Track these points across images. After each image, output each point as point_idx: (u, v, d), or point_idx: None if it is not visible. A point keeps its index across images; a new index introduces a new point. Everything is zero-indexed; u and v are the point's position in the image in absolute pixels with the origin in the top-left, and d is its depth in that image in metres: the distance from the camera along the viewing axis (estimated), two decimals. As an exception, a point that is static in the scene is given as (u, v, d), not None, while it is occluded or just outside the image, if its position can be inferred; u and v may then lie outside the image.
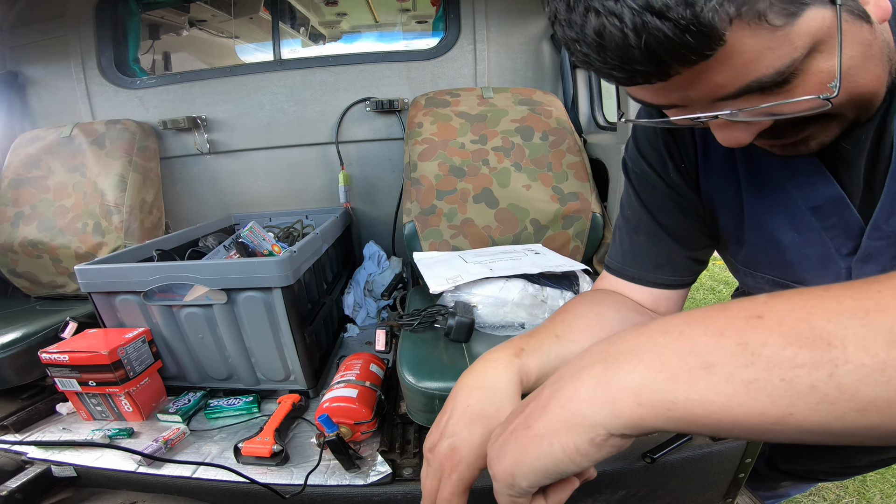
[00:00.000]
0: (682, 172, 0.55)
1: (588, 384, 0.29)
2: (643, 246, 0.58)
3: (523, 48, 1.55)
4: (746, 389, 0.23)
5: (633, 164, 0.59)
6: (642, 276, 0.58)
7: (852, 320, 0.21)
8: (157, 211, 1.46)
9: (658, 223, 0.57)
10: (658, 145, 0.55)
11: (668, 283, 0.58)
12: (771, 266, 0.55)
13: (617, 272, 0.60)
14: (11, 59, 1.53)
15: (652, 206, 0.57)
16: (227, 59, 2.30)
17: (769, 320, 0.24)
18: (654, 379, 0.26)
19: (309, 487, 0.68)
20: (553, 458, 0.29)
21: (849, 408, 0.21)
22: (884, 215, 0.42)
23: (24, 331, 0.98)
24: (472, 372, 0.45)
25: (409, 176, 1.20)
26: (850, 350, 0.21)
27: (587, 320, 0.51)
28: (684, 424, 0.25)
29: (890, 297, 0.21)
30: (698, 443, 0.67)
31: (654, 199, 0.57)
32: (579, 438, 0.28)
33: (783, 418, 0.22)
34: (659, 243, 0.57)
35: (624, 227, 0.61)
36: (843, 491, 1.32)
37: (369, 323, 1.34)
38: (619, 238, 0.61)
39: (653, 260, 0.57)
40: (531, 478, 0.31)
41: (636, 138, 0.59)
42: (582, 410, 0.28)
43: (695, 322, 0.27)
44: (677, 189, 0.55)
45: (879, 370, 0.20)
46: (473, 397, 0.42)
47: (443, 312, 0.81)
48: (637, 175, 0.58)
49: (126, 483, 0.73)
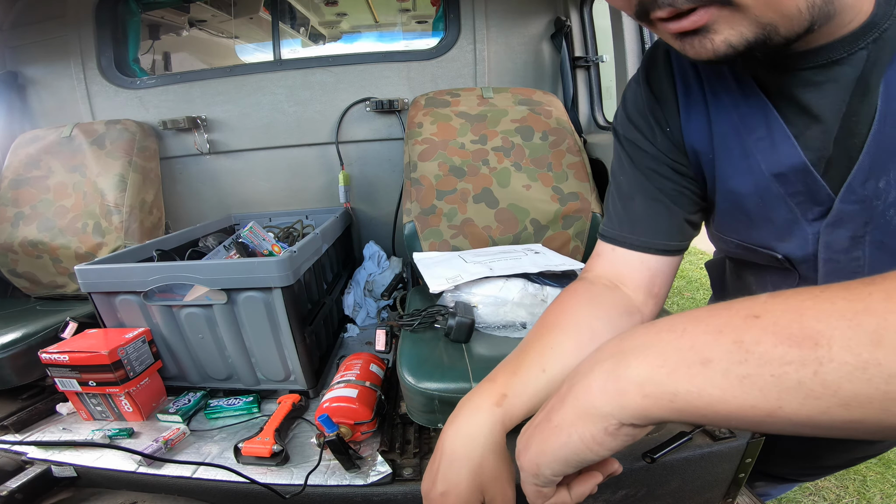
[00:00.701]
0: (668, 137, 0.55)
1: (600, 378, 0.31)
2: (639, 211, 0.57)
3: (523, 48, 1.55)
4: (740, 384, 0.25)
5: (624, 131, 0.59)
6: (641, 242, 0.57)
7: (841, 321, 0.22)
8: (157, 211, 1.46)
9: (654, 186, 0.56)
10: (646, 114, 0.56)
11: (667, 249, 0.57)
12: (738, 230, 0.56)
13: (613, 240, 0.59)
14: (11, 59, 1.53)
15: (646, 170, 0.57)
16: (227, 59, 2.31)
17: (765, 320, 0.25)
18: (657, 373, 0.28)
19: (309, 487, 0.68)
20: (572, 447, 0.32)
21: (833, 403, 0.22)
22: (860, 178, 0.42)
23: (24, 331, 0.98)
24: (456, 420, 0.46)
25: (409, 176, 1.20)
26: (836, 349, 0.22)
27: (578, 342, 0.50)
28: (686, 415, 0.28)
29: (879, 301, 0.22)
30: (698, 443, 0.67)
31: (647, 163, 0.57)
32: (594, 428, 0.31)
33: (774, 411, 0.24)
34: (656, 206, 0.57)
35: (617, 195, 0.60)
36: (843, 491, 1.32)
37: (369, 323, 1.34)
38: (613, 206, 0.60)
39: (651, 225, 0.57)
40: (554, 466, 0.34)
41: (625, 105, 0.59)
42: (594, 402, 0.31)
43: (697, 321, 0.28)
44: (667, 153, 0.55)
45: (862, 368, 0.21)
46: (459, 446, 0.44)
47: (443, 313, 0.81)
48: (628, 141, 0.58)
49: (126, 483, 0.73)
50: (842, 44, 0.40)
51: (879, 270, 0.47)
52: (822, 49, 0.40)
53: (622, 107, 0.60)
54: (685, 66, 0.52)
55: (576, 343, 0.50)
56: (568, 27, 1.47)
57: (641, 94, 0.56)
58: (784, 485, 1.03)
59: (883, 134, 0.40)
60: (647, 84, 0.56)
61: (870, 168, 0.42)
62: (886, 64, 0.39)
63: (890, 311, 0.21)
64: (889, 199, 0.42)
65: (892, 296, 0.22)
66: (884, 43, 0.39)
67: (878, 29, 0.38)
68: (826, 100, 0.43)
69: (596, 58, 1.48)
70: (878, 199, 0.43)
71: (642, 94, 0.56)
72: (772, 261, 0.55)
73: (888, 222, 0.43)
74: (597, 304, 0.55)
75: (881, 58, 0.39)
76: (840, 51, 0.40)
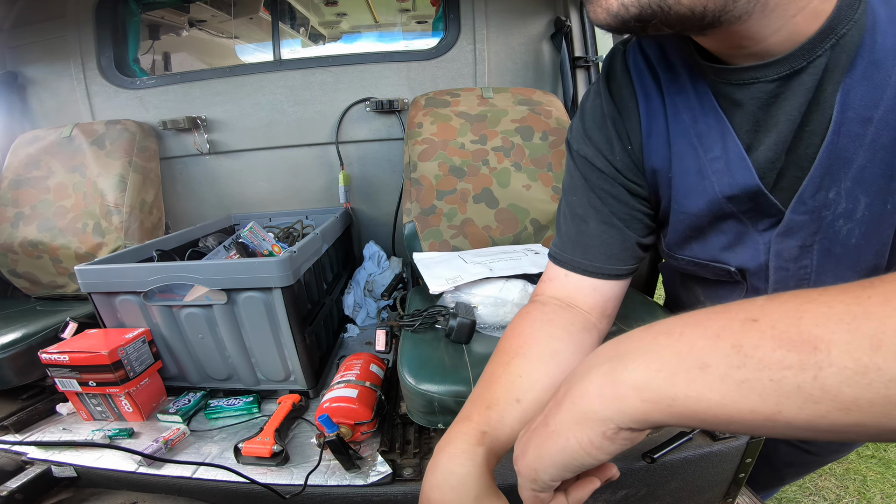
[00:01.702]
0: (629, 154, 0.54)
1: (597, 382, 0.31)
2: (593, 234, 0.55)
3: (523, 48, 1.55)
4: (739, 388, 0.25)
5: (578, 146, 0.56)
6: (595, 268, 0.55)
7: (839, 325, 0.22)
8: (157, 211, 1.46)
9: (608, 209, 0.55)
10: (606, 126, 0.54)
11: (619, 274, 0.56)
12: (691, 248, 0.56)
13: (565, 264, 0.57)
14: (11, 59, 1.53)
15: (600, 192, 0.55)
16: (227, 59, 2.30)
17: (763, 323, 0.25)
18: (656, 377, 0.28)
19: (309, 487, 0.68)
20: (570, 451, 0.32)
21: (833, 407, 0.22)
22: (810, 189, 0.43)
23: (24, 331, 0.98)
24: (437, 470, 0.41)
25: (409, 176, 1.20)
26: (835, 354, 0.22)
27: (545, 366, 0.48)
28: (685, 419, 0.27)
29: (878, 304, 0.22)
30: (698, 443, 0.67)
31: (601, 184, 0.55)
32: (592, 432, 0.30)
33: (773, 415, 0.24)
34: (609, 231, 0.55)
35: (569, 215, 0.58)
36: (843, 491, 1.32)
37: (369, 323, 1.34)
38: (566, 227, 0.58)
39: (604, 250, 0.55)
40: (552, 471, 0.33)
41: (583, 118, 0.57)
42: (592, 406, 0.30)
43: (695, 324, 0.28)
44: (624, 172, 0.54)
45: (861, 373, 0.21)
46: (449, 499, 0.40)
47: (444, 313, 0.81)
48: (582, 158, 0.56)
49: (126, 483, 0.73)
50: (801, 52, 0.39)
51: (826, 278, 0.47)
52: (784, 60, 0.40)
53: (580, 119, 0.57)
54: (644, 75, 0.51)
55: (543, 368, 0.48)
56: (568, 27, 1.47)
57: (601, 106, 0.55)
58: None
59: (836, 145, 0.40)
60: (609, 94, 0.54)
61: (821, 179, 0.42)
62: (844, 71, 0.38)
63: (888, 314, 0.21)
64: (838, 210, 0.43)
65: (891, 299, 0.21)
66: (841, 49, 0.38)
67: (835, 34, 0.38)
68: (782, 110, 0.42)
69: (596, 58, 1.48)
70: (827, 209, 0.43)
71: (602, 106, 0.54)
72: (723, 274, 0.55)
73: (837, 232, 0.44)
74: (553, 324, 0.53)
75: (839, 64, 0.38)
76: (800, 60, 0.39)
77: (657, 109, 0.51)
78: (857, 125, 0.38)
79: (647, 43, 0.51)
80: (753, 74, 0.42)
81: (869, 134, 0.38)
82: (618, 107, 0.53)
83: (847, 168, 0.40)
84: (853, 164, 0.40)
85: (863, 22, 0.37)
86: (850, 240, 0.44)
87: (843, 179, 0.41)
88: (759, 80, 0.42)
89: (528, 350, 0.50)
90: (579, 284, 0.56)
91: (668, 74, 0.49)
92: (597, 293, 0.56)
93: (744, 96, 0.43)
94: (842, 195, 0.41)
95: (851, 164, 0.40)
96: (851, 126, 0.39)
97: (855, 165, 0.40)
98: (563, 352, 0.50)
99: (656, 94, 0.50)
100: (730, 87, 0.44)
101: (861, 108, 0.38)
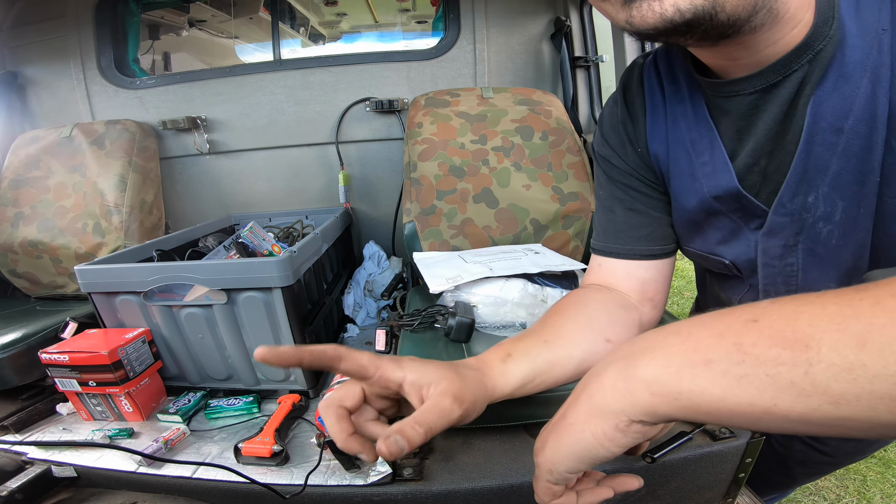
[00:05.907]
0: (639, 155, 0.59)
1: (611, 377, 0.34)
2: (621, 221, 0.61)
3: (523, 48, 1.55)
4: (738, 383, 0.27)
5: (599, 148, 0.63)
6: (625, 250, 0.60)
7: (830, 325, 0.24)
8: (157, 211, 1.46)
9: (631, 197, 0.60)
10: (619, 130, 0.60)
11: (654, 253, 0.60)
12: (693, 240, 0.60)
13: (602, 251, 0.63)
14: (11, 59, 1.53)
15: (619, 184, 0.61)
16: (226, 59, 2.31)
17: (762, 324, 0.27)
18: (664, 373, 0.30)
19: (309, 487, 0.68)
20: (585, 443, 0.34)
21: (823, 401, 0.24)
22: (788, 193, 0.46)
23: (24, 331, 0.98)
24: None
25: (409, 176, 1.20)
26: (824, 351, 0.24)
27: (577, 324, 0.53)
28: (690, 412, 0.30)
29: (867, 306, 0.23)
30: (698, 443, 0.67)
31: (620, 178, 0.61)
32: (606, 424, 0.33)
33: (770, 409, 0.26)
34: (634, 215, 0.60)
35: (600, 209, 0.64)
36: (843, 491, 1.32)
37: (369, 323, 1.34)
38: (598, 220, 0.65)
39: (632, 232, 0.60)
40: (567, 463, 0.35)
41: (602, 123, 0.64)
42: (606, 400, 0.33)
43: (701, 325, 0.31)
44: (637, 170, 0.59)
45: (847, 369, 0.23)
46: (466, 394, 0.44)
47: (443, 312, 0.81)
48: (602, 158, 0.63)
49: (126, 483, 0.73)
50: (777, 67, 0.42)
51: (812, 275, 0.50)
52: (761, 74, 0.43)
53: (599, 125, 0.64)
54: (654, 88, 0.57)
55: (574, 326, 0.53)
56: (568, 27, 1.47)
57: (617, 112, 0.60)
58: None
59: (810, 153, 0.43)
60: (624, 103, 0.60)
61: (797, 185, 0.45)
62: (816, 83, 0.41)
63: (875, 315, 0.22)
64: (818, 213, 0.45)
65: (880, 302, 0.23)
66: (817, 63, 0.40)
67: (812, 50, 0.40)
68: (761, 120, 0.46)
69: (596, 58, 1.48)
70: (807, 212, 0.46)
71: (618, 112, 0.60)
72: (723, 267, 0.59)
73: (818, 233, 0.47)
74: (593, 299, 0.58)
75: (812, 77, 0.41)
76: (775, 74, 0.42)
77: (660, 118, 0.56)
78: (830, 134, 0.41)
79: (661, 58, 0.57)
80: (735, 88, 0.46)
81: (841, 143, 0.41)
82: (630, 114, 0.59)
83: (823, 174, 0.43)
84: (829, 171, 0.43)
85: (836, 37, 0.39)
86: (831, 241, 0.46)
87: (820, 185, 0.44)
88: (739, 93, 0.46)
89: (565, 311, 0.55)
90: (613, 269, 0.61)
91: (672, 87, 0.55)
92: (631, 276, 0.60)
93: (730, 107, 0.48)
94: (820, 199, 0.44)
95: (827, 170, 0.43)
96: (825, 135, 0.42)
97: (831, 172, 0.43)
98: (596, 318, 0.54)
99: (661, 105, 0.56)
100: (720, 99, 0.49)
101: (832, 118, 0.41)
